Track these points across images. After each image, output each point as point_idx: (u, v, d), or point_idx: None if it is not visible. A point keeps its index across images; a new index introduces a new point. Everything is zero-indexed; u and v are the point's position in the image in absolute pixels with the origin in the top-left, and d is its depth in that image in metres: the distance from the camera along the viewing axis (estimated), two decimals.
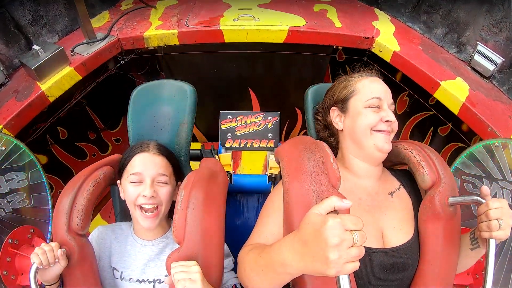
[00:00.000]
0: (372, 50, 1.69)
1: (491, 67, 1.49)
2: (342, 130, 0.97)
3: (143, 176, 0.95)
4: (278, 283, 0.67)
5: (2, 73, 1.46)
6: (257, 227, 0.86)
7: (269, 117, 1.33)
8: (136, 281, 0.97)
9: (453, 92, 1.42)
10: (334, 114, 0.99)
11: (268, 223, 0.84)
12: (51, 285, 0.87)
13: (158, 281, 0.96)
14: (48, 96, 1.43)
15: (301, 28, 1.64)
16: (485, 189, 0.79)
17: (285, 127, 2.53)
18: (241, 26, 1.65)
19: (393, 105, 0.94)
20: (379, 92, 0.92)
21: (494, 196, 1.15)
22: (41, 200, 1.32)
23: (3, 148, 1.21)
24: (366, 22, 1.78)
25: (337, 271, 0.51)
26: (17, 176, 1.25)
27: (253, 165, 2.45)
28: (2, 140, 1.22)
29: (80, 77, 1.55)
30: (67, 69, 1.49)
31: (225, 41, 1.69)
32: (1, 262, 1.10)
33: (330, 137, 1.03)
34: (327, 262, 0.51)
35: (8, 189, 1.23)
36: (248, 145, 1.35)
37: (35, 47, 1.45)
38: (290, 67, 2.07)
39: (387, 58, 1.64)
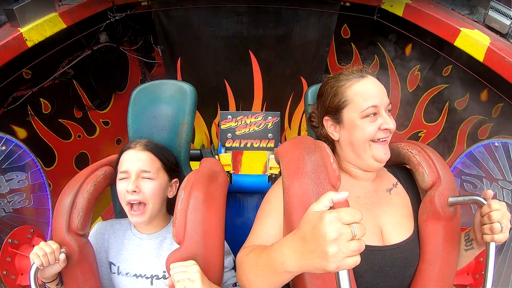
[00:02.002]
0: (382, 6, 1.61)
1: (507, 21, 1.41)
2: (338, 140, 0.91)
3: (129, 173, 0.95)
4: (278, 283, 0.67)
5: None
6: (254, 229, 0.86)
7: (269, 117, 1.33)
8: (133, 275, 0.96)
9: (476, 37, 1.35)
10: (328, 124, 0.91)
11: (265, 224, 0.84)
12: (49, 282, 0.88)
13: (155, 277, 0.96)
14: (26, 39, 1.32)
15: None
16: (489, 191, 0.78)
17: (290, 99, 2.29)
18: None
19: (390, 105, 0.88)
20: (374, 99, 0.84)
21: (494, 196, 1.15)
22: (41, 200, 1.32)
23: (3, 148, 1.22)
24: None
25: (337, 265, 0.50)
26: (17, 176, 1.26)
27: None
28: (2, 140, 1.22)
29: (65, 26, 1.45)
30: (51, 15, 1.39)
31: None
32: (1, 262, 1.10)
33: (326, 142, 0.93)
34: (327, 257, 0.51)
35: (8, 189, 1.24)
36: (248, 145, 1.35)
37: None
38: (294, 27, 1.91)
39: (399, 12, 1.55)
